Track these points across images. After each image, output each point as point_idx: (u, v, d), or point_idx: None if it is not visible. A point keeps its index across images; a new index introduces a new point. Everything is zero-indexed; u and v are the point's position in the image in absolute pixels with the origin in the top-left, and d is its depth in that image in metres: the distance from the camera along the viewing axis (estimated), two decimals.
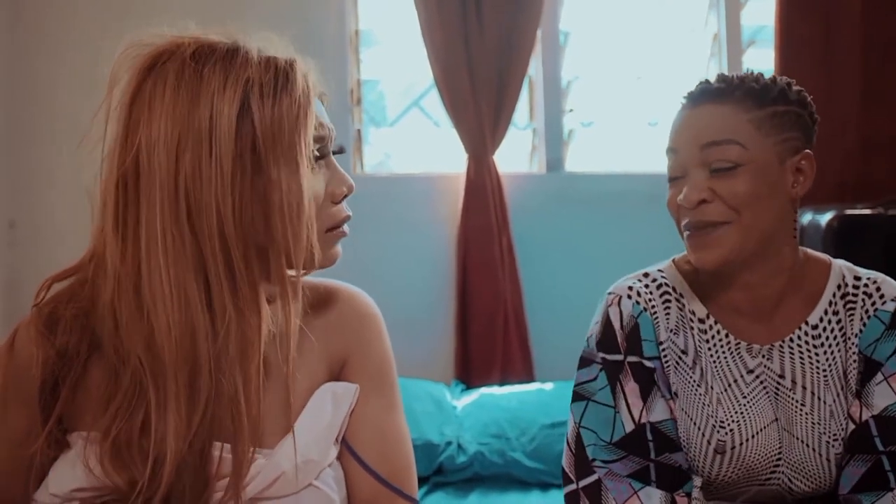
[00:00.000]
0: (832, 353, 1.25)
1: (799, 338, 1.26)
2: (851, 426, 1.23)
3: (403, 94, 3.46)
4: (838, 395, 1.24)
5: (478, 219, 3.14)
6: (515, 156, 3.36)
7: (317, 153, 1.01)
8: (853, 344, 1.25)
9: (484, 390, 2.92)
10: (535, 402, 2.79)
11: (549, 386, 2.90)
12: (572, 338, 2.32)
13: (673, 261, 1.34)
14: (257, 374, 0.96)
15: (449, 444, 2.65)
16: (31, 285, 1.03)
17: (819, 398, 1.24)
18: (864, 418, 1.22)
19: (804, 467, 1.22)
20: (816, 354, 1.25)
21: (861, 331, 1.25)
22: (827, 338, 1.26)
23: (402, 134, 3.46)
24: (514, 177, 3.27)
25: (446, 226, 3.23)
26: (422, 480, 2.56)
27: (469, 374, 3.16)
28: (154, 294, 0.92)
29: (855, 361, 1.25)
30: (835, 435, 1.22)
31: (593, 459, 1.22)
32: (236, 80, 0.93)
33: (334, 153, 1.06)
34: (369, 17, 3.36)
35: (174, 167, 0.91)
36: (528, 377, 3.16)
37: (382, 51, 3.41)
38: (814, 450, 1.22)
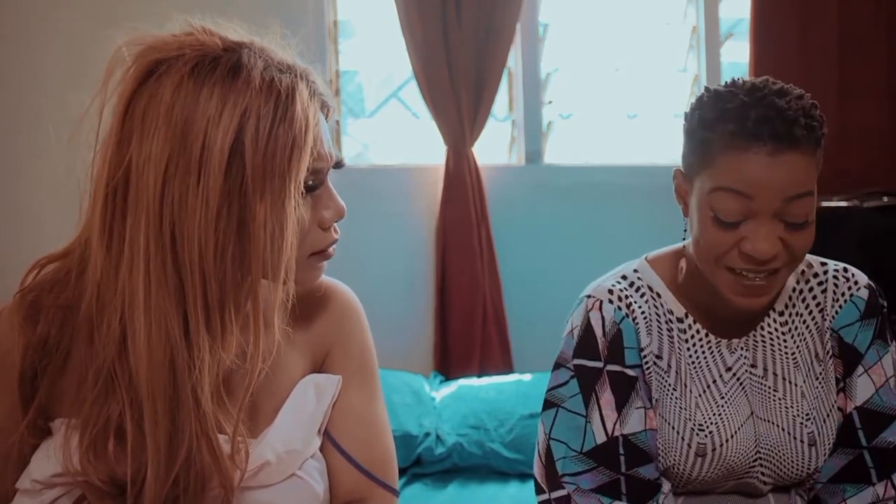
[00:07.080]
0: (801, 335, 1.28)
1: (769, 325, 1.28)
2: (834, 412, 1.25)
3: (382, 85, 3.44)
4: (808, 374, 1.26)
5: (457, 210, 3.14)
6: (494, 147, 3.36)
7: (310, 183, 0.97)
8: (827, 326, 1.27)
9: (462, 381, 2.93)
10: (513, 393, 2.79)
11: (527, 377, 2.91)
12: (551, 329, 2.32)
13: (646, 259, 1.32)
14: (238, 412, 0.94)
15: (427, 435, 2.65)
16: (12, 275, 1.01)
17: (790, 382, 1.25)
18: (848, 410, 1.24)
19: (780, 451, 1.23)
20: (784, 340, 1.27)
21: (837, 312, 1.27)
22: (794, 321, 1.28)
23: (381, 125, 3.44)
24: (494, 168, 3.27)
25: (425, 217, 3.22)
26: (400, 472, 2.55)
27: (448, 365, 3.16)
28: (134, 320, 0.90)
29: (828, 340, 1.27)
30: (806, 415, 1.24)
31: (562, 475, 1.20)
32: (234, 108, 0.89)
33: (334, 167, 1.02)
34: (348, 7, 3.34)
35: (161, 190, 0.89)
36: (507, 368, 3.17)
37: (361, 41, 3.39)
38: (788, 433, 1.23)
